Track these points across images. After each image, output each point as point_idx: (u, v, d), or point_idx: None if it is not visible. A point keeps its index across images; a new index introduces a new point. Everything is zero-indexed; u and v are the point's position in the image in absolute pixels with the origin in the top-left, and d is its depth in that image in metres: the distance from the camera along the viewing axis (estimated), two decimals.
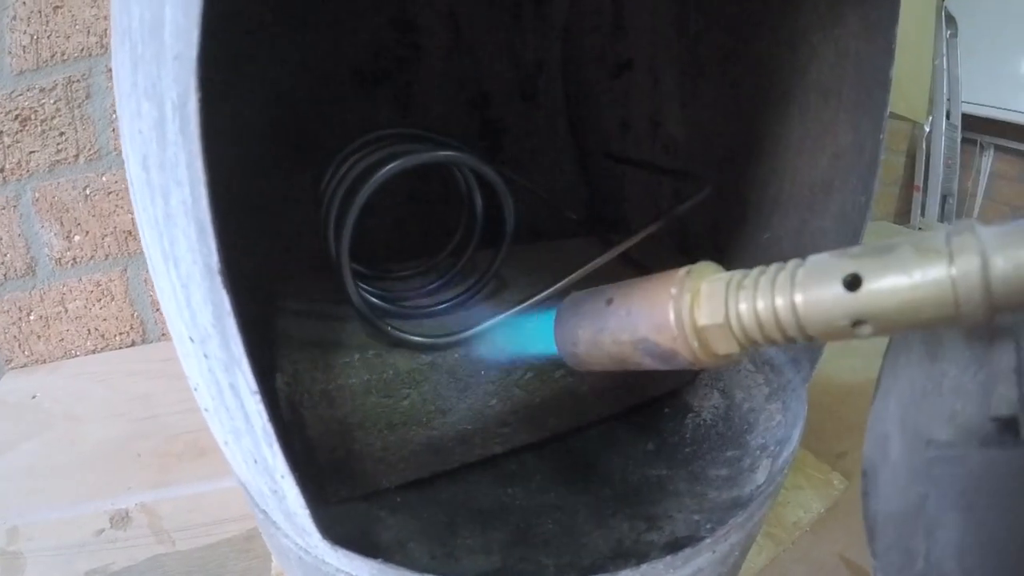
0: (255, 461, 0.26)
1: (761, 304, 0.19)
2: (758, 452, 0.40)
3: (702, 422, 0.44)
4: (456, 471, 0.39)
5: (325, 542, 0.27)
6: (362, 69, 0.47)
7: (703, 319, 0.21)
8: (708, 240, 0.47)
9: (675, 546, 0.36)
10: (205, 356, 0.24)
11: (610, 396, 0.42)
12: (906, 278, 0.17)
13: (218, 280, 0.20)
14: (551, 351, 0.28)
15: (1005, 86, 1.26)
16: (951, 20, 1.10)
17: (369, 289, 0.36)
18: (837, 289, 0.18)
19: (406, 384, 0.34)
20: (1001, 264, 0.16)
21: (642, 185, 0.51)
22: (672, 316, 0.22)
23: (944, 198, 1.46)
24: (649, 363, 0.23)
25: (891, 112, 0.33)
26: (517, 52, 0.51)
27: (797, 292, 0.19)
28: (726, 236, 0.45)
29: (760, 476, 0.39)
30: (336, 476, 0.35)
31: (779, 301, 0.19)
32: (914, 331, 0.18)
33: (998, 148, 1.45)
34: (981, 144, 1.47)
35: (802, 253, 0.20)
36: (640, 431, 0.44)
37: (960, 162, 1.45)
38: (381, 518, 0.37)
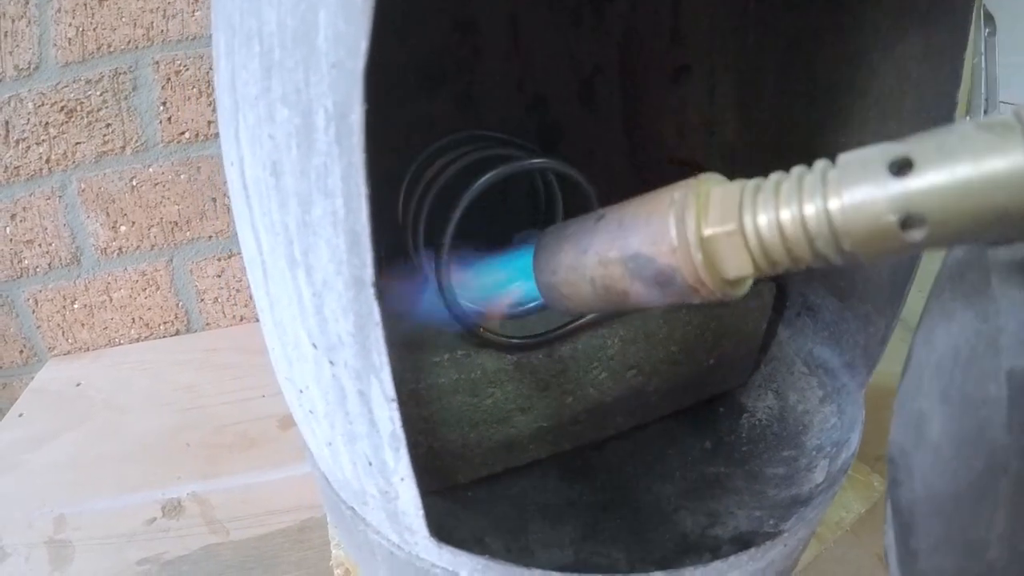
0: (369, 464, 0.27)
1: (786, 213, 0.16)
2: (814, 453, 0.41)
3: (757, 422, 0.45)
4: (524, 467, 0.40)
5: (432, 540, 0.28)
6: (424, 69, 0.48)
7: (710, 227, 0.17)
8: None
9: (740, 540, 0.37)
10: (331, 363, 0.25)
11: (670, 396, 0.43)
12: (969, 155, 0.13)
13: (370, 292, 0.21)
14: (531, 290, 0.25)
15: None
16: (990, 19, 1.08)
17: None
18: (882, 177, 0.14)
19: (492, 383, 0.35)
20: None
21: None
22: (672, 222, 0.18)
23: None
24: (639, 291, 0.19)
25: None
26: (575, 56, 0.51)
27: (831, 193, 0.15)
28: None
29: (818, 476, 0.40)
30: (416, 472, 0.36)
31: (808, 207, 0.15)
32: (977, 236, 0.14)
33: None
34: None
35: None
36: (697, 430, 0.45)
37: None
38: (454, 512, 0.38)
